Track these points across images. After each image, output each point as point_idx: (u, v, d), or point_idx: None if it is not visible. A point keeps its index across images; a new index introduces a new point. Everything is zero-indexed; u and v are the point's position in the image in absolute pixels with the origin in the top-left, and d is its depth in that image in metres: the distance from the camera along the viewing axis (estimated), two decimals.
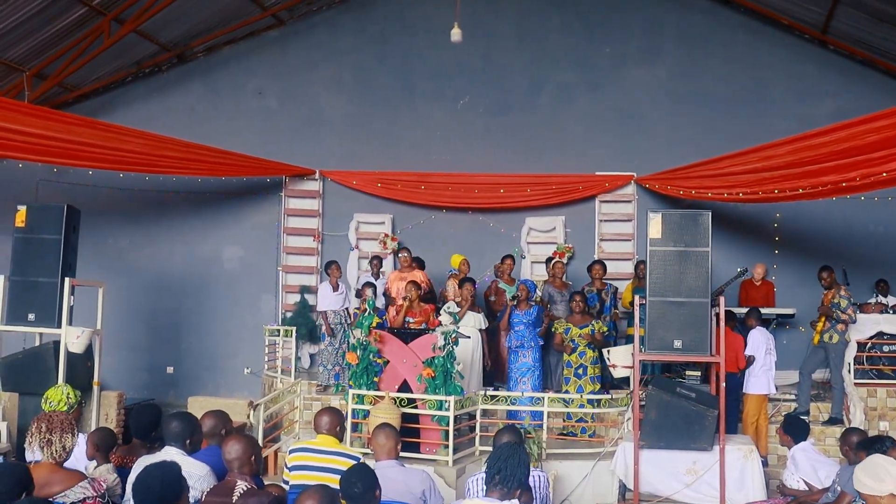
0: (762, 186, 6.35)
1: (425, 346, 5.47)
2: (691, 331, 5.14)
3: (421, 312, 6.44)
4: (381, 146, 8.85)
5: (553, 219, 8.62)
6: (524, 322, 6.45)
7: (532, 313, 6.48)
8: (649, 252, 5.27)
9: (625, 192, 8.54)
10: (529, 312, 6.48)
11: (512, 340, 6.45)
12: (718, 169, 7.06)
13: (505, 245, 8.54)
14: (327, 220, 8.89)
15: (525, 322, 6.46)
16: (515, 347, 6.44)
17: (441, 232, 8.70)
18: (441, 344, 5.32)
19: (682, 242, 5.21)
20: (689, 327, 5.14)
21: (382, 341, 5.60)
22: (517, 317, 6.51)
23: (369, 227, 8.80)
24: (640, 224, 8.24)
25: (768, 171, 6.25)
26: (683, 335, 5.15)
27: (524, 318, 6.49)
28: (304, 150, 8.83)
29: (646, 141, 8.49)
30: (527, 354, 6.37)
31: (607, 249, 8.49)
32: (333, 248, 8.71)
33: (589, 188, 8.52)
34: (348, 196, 8.80)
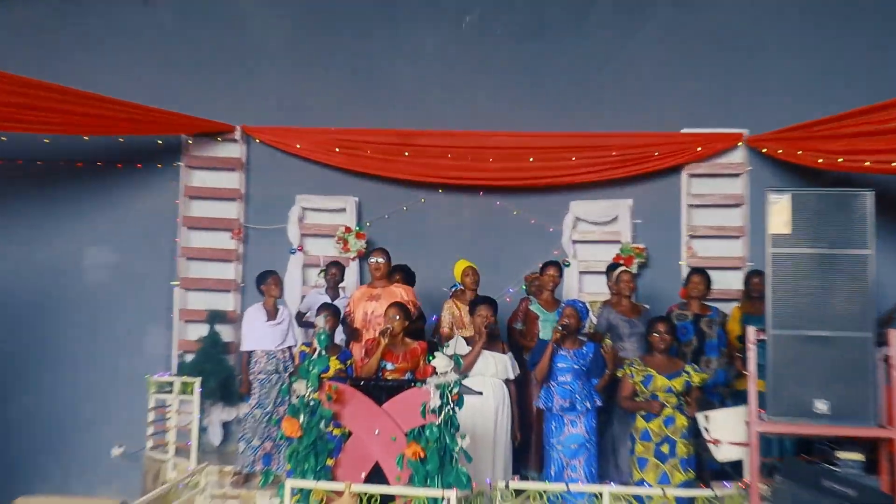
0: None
1: (411, 407, 5.46)
2: (844, 384, 5.24)
3: (405, 354, 6.52)
4: (342, 91, 9.00)
5: (614, 203, 8.70)
6: (573, 368, 6.46)
7: (585, 354, 6.51)
8: (771, 257, 5.37)
9: (730, 160, 8.62)
10: (581, 353, 6.51)
11: (552, 399, 6.46)
12: (882, 122, 7.04)
13: (537, 245, 8.63)
14: (255, 205, 8.93)
15: (575, 368, 6.47)
16: (559, 410, 6.45)
17: (436, 225, 8.84)
18: (436, 405, 5.30)
19: (826, 241, 5.31)
20: (839, 379, 5.25)
21: (342, 400, 5.62)
22: (562, 360, 6.51)
23: (321, 216, 8.90)
24: (755, 211, 8.33)
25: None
26: (831, 392, 5.26)
27: (573, 361, 6.50)
28: (218, 94, 8.95)
29: (760, 84, 8.61)
30: (577, 422, 6.41)
31: (702, 253, 8.52)
32: (265, 251, 8.78)
33: (671, 154, 8.57)
34: (288, 168, 8.91)
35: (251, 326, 7.40)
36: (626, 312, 7.18)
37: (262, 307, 7.42)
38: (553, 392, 6.42)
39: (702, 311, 7.20)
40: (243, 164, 8.83)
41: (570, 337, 6.51)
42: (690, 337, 7.05)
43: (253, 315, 7.44)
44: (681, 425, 6.16)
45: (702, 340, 7.09)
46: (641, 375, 6.27)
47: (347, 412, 5.58)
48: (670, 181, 8.58)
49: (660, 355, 6.31)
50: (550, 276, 7.37)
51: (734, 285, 8.14)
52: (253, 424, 7.29)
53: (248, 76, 8.97)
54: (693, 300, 7.23)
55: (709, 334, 7.11)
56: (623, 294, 7.26)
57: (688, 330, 7.07)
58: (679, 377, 6.21)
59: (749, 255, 8.33)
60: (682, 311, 7.19)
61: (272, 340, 7.33)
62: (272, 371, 7.29)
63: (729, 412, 6.07)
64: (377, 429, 5.50)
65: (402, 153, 8.61)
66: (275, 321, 7.38)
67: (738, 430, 5.81)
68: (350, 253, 8.59)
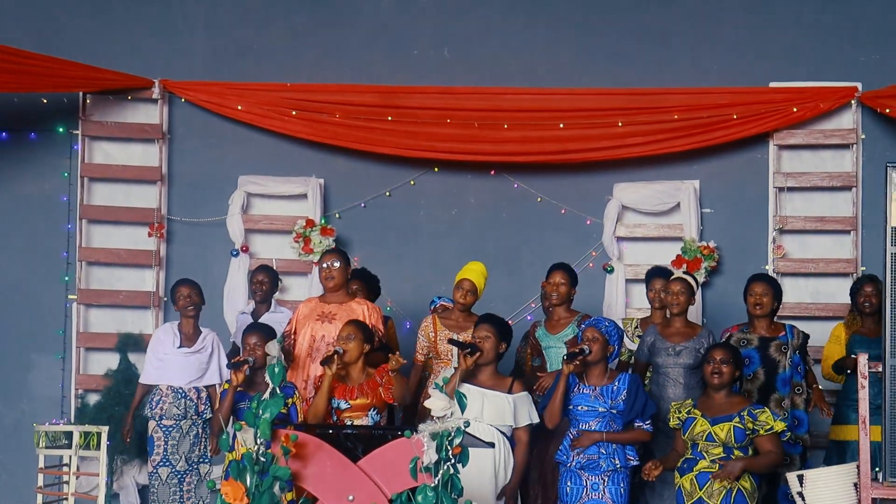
0: None
1: (396, 464, 5.31)
2: None
3: (364, 386, 6.56)
4: (300, 32, 9.04)
5: (674, 186, 8.72)
6: (599, 412, 6.47)
7: (617, 392, 6.51)
8: (890, 258, 5.35)
9: (837, 127, 8.59)
10: (611, 391, 6.51)
11: (570, 452, 6.49)
12: None
13: (570, 243, 8.69)
14: (180, 190, 8.94)
15: (601, 412, 6.47)
16: (579, 467, 6.44)
17: (430, 216, 8.90)
18: (432, 460, 5.15)
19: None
20: None
21: (303, 455, 5.43)
22: (583, 400, 6.50)
23: (273, 205, 8.93)
24: (870, 196, 8.29)
25: None
26: None
27: (599, 402, 6.47)
28: (128, 37, 8.95)
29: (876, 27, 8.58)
30: (600, 485, 6.38)
31: (797, 253, 8.56)
32: (195, 253, 8.84)
33: (755, 117, 8.54)
34: (227, 138, 8.95)
35: (155, 353, 7.42)
36: (670, 336, 7.11)
37: (175, 329, 7.47)
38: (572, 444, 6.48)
39: (771, 334, 7.11)
40: (164, 133, 8.79)
41: (597, 369, 6.47)
42: (756, 369, 6.98)
43: (161, 338, 7.47)
44: (719, 487, 6.08)
45: (772, 373, 7.01)
46: (678, 419, 6.29)
47: (311, 471, 5.39)
48: (753, 155, 8.60)
49: (717, 394, 6.29)
50: (553, 285, 7.33)
51: (840, 297, 8.08)
52: (159, 489, 7.28)
53: (170, 12, 8.95)
54: (758, 319, 7.14)
55: (781, 364, 7.05)
56: (675, 308, 7.19)
57: (752, 360, 7.00)
58: (727, 422, 6.15)
59: (862, 256, 8.34)
60: (743, 335, 7.11)
61: (184, 374, 7.36)
62: (180, 416, 7.30)
63: (832, 472, 6.04)
64: (351, 493, 5.40)
65: (385, 118, 8.59)
66: (191, 349, 7.40)
67: (844, 496, 5.76)
68: (313, 255, 8.52)
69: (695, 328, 7.21)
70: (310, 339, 7.03)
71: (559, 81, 8.68)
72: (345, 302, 7.10)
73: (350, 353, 6.41)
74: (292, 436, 5.38)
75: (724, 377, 6.24)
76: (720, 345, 6.53)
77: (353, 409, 6.43)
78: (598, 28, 8.83)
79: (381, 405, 6.49)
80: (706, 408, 6.26)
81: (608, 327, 6.55)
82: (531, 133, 8.58)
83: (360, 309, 7.03)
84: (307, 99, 8.71)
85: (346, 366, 6.45)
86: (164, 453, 7.28)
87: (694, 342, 6.97)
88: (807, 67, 8.63)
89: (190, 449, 7.34)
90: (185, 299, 7.45)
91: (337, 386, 6.43)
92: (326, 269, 7.10)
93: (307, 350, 7.01)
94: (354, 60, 8.87)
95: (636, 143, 8.54)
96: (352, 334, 6.46)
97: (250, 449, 5.36)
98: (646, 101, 8.59)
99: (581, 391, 6.46)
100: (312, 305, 7.22)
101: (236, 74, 8.85)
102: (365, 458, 5.40)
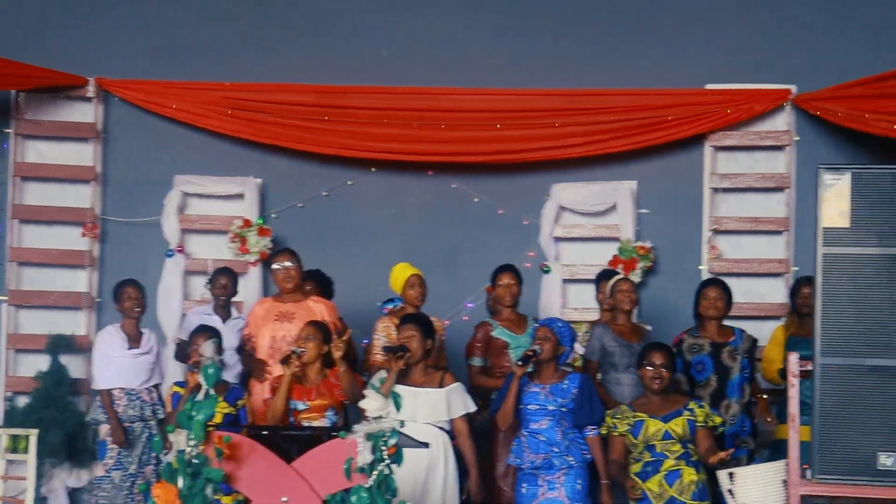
0: None
1: (331, 465, 5.35)
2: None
3: (321, 387, 6.57)
4: (238, 31, 8.99)
5: (611, 187, 8.74)
6: (549, 411, 6.50)
7: (567, 391, 6.54)
8: (821, 258, 5.27)
9: (771, 128, 8.65)
10: (561, 389, 6.54)
11: (523, 453, 6.49)
12: None
13: (507, 243, 8.67)
14: (115, 190, 8.89)
15: (551, 411, 6.50)
16: (531, 469, 6.44)
17: (368, 216, 8.90)
18: (366, 461, 5.19)
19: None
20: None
21: (237, 456, 5.44)
22: (533, 399, 6.53)
23: (210, 205, 8.88)
24: (804, 198, 8.21)
25: None
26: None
27: (549, 401, 6.49)
28: (62, 33, 8.89)
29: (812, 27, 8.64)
30: (556, 483, 6.41)
31: (730, 254, 8.59)
32: (130, 253, 8.79)
33: (691, 118, 8.58)
34: (163, 138, 8.91)
35: (106, 357, 7.36)
36: (625, 334, 7.16)
37: (118, 330, 7.40)
38: (524, 444, 6.43)
39: (721, 338, 7.15)
40: (99, 132, 8.73)
41: (548, 367, 6.50)
42: (709, 375, 7.02)
43: (108, 341, 7.40)
44: (689, 482, 6.14)
45: (724, 379, 7.05)
46: (627, 424, 6.26)
47: (244, 473, 5.42)
48: (689, 156, 8.61)
49: (656, 394, 6.34)
50: (506, 287, 7.34)
51: (773, 297, 8.23)
52: (111, 492, 7.23)
53: (106, 10, 8.88)
54: (709, 322, 7.18)
55: (733, 371, 7.10)
56: (621, 309, 7.24)
57: (705, 366, 7.04)
58: (679, 417, 6.21)
59: (794, 256, 8.37)
60: (695, 340, 7.15)
61: (135, 376, 7.33)
62: (136, 418, 7.27)
63: (761, 469, 6.01)
64: (284, 495, 5.39)
65: (323, 118, 8.59)
66: (138, 349, 7.37)
67: (773, 493, 5.75)
68: (250, 255, 8.51)
69: (641, 327, 7.33)
70: (270, 340, 7.05)
71: (497, 82, 8.69)
72: (301, 301, 7.11)
73: (309, 354, 6.42)
74: (225, 437, 5.37)
75: (665, 381, 6.32)
76: (657, 347, 6.55)
77: (311, 409, 6.43)
78: (537, 29, 8.83)
79: (338, 406, 6.48)
80: (649, 409, 6.30)
81: (561, 328, 6.59)
82: (469, 133, 8.60)
83: (318, 307, 7.06)
84: (244, 98, 8.69)
85: (304, 366, 6.44)
86: (117, 456, 7.25)
87: (645, 341, 7.05)
88: (742, 70, 8.66)
89: (142, 451, 7.30)
90: (132, 300, 7.42)
91: (294, 387, 6.42)
92: (284, 270, 7.11)
93: (268, 351, 6.99)
94: (292, 60, 8.85)
95: (574, 143, 8.56)
96: (311, 335, 6.47)
97: (183, 451, 5.28)
98: (583, 102, 8.60)
99: (531, 389, 6.47)
100: (268, 306, 7.23)
101: (173, 73, 8.78)
102: (299, 459, 5.41)
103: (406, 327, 6.63)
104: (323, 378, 6.52)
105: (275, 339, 6.98)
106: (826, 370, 5.19)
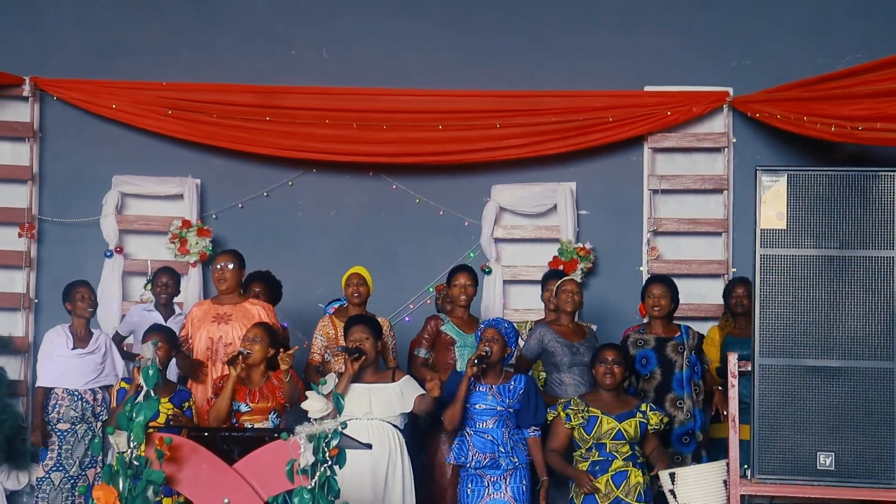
0: None
1: (273, 466, 5.27)
2: (857, 432, 5.25)
3: (264, 389, 6.54)
4: (176, 30, 8.99)
5: (551, 188, 8.78)
6: (496, 411, 6.52)
7: (514, 391, 6.57)
8: (759, 259, 5.38)
9: (709, 130, 8.72)
10: (507, 390, 6.57)
11: (466, 452, 6.51)
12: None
13: (448, 244, 8.78)
14: (52, 190, 8.88)
15: (499, 411, 6.53)
16: (475, 468, 6.46)
17: (308, 217, 8.91)
18: (308, 463, 5.19)
19: (835, 239, 5.32)
20: (851, 424, 5.26)
21: (178, 458, 5.34)
22: (480, 399, 6.54)
23: (149, 205, 8.88)
24: (741, 199, 8.34)
25: None
26: (839, 441, 5.26)
27: (496, 401, 6.52)
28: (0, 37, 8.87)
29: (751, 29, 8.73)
30: (501, 483, 6.44)
31: (670, 255, 8.65)
32: (68, 254, 8.77)
33: (630, 120, 8.63)
34: (100, 137, 8.88)
35: (49, 356, 7.30)
36: (567, 335, 7.17)
37: (66, 330, 7.33)
38: (469, 443, 6.41)
39: (667, 334, 7.18)
40: (35, 131, 8.68)
41: (494, 368, 6.50)
42: (653, 369, 7.01)
43: (54, 340, 7.33)
44: (636, 483, 6.17)
45: (668, 373, 7.04)
46: (582, 418, 6.25)
47: (186, 475, 5.31)
48: (628, 158, 8.67)
49: (608, 392, 6.35)
50: (461, 287, 7.35)
51: (712, 298, 8.23)
52: (51, 494, 7.15)
53: (42, 8, 8.85)
54: (655, 320, 7.21)
55: (678, 364, 7.09)
56: (563, 310, 7.25)
57: (649, 360, 7.04)
58: (632, 418, 6.23)
59: (732, 257, 8.47)
60: (641, 336, 7.16)
61: (80, 376, 7.25)
62: (77, 419, 7.19)
63: (702, 469, 6.04)
64: (226, 497, 5.36)
65: (263, 118, 8.54)
66: (85, 349, 7.30)
67: (714, 493, 5.76)
68: (189, 256, 8.49)
69: (583, 327, 7.32)
70: (207, 342, 7.00)
71: (437, 83, 8.69)
72: (239, 303, 7.08)
73: (255, 356, 6.39)
74: (166, 439, 5.31)
75: (617, 378, 6.32)
76: (610, 345, 6.58)
77: (254, 412, 6.41)
78: (476, 30, 8.84)
79: (280, 408, 6.47)
80: (601, 406, 6.31)
81: (507, 329, 6.60)
82: (410, 134, 8.60)
83: (255, 309, 7.03)
84: (183, 98, 8.64)
85: (249, 368, 6.42)
86: (57, 458, 7.19)
87: (587, 341, 7.09)
88: (680, 72, 8.71)
89: (84, 453, 7.24)
90: (85, 300, 7.37)
91: (238, 388, 6.39)
92: (220, 271, 7.09)
93: (205, 352, 6.96)
94: (231, 59, 8.82)
95: (513, 144, 8.58)
96: (258, 336, 6.44)
97: (123, 452, 5.26)
98: (523, 104, 8.63)
99: (478, 390, 6.47)
100: (206, 308, 7.20)
101: (110, 72, 8.73)
102: (241, 461, 5.35)
103: (358, 329, 6.62)
104: (266, 380, 6.50)
105: (211, 340, 6.95)
106: (764, 371, 5.26)
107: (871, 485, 5.23)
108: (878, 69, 7.71)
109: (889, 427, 5.18)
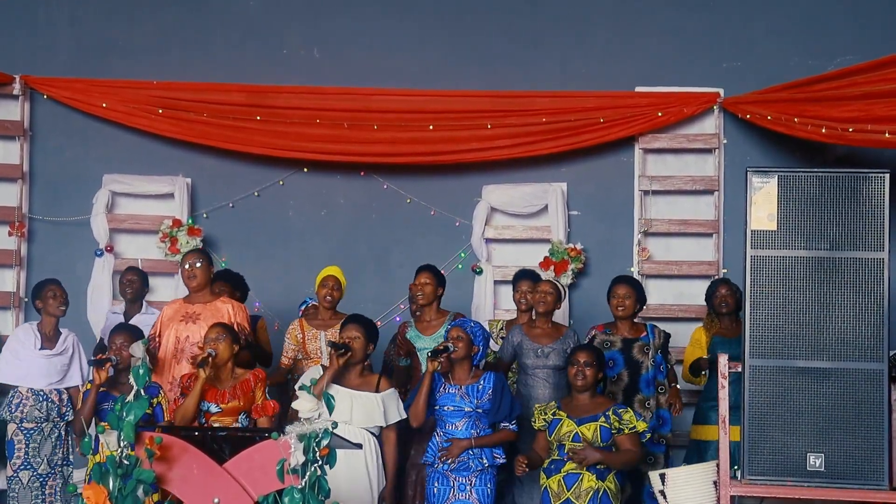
0: None
1: (263, 466, 5.26)
2: (847, 433, 5.26)
3: (235, 389, 6.52)
4: (167, 29, 8.99)
5: (542, 189, 8.79)
6: (465, 412, 6.50)
7: (482, 391, 6.53)
8: (749, 260, 5.39)
9: (699, 131, 8.72)
10: (476, 390, 6.53)
11: (436, 452, 6.52)
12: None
13: (439, 245, 8.76)
14: (42, 188, 8.90)
15: (467, 412, 6.50)
16: (443, 470, 6.46)
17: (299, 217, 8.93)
18: (299, 462, 5.17)
19: (826, 241, 5.33)
20: (841, 425, 5.27)
21: (168, 457, 5.34)
22: (448, 400, 6.52)
23: (139, 204, 8.91)
24: (732, 200, 8.37)
25: None
26: (829, 442, 5.27)
27: (465, 402, 6.48)
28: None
29: (743, 30, 8.73)
30: (467, 486, 6.45)
31: (660, 255, 8.65)
32: (57, 253, 8.80)
33: (621, 121, 8.63)
34: (91, 136, 8.91)
35: (15, 353, 7.31)
36: (538, 337, 7.16)
37: (35, 329, 7.34)
38: (440, 445, 6.44)
39: (633, 335, 7.20)
40: (25, 130, 8.70)
41: (462, 367, 6.49)
42: (620, 370, 7.05)
43: (21, 338, 7.34)
44: (587, 488, 6.14)
45: (636, 374, 7.10)
46: (544, 420, 6.31)
47: (176, 474, 5.30)
48: (619, 159, 8.66)
49: (582, 395, 6.36)
50: (418, 286, 7.35)
51: (703, 299, 7.94)
52: (20, 493, 7.17)
53: (33, 7, 8.85)
54: (621, 321, 7.22)
55: (644, 365, 7.14)
56: (537, 311, 7.23)
57: (616, 362, 7.09)
58: (593, 422, 6.21)
59: (723, 258, 8.45)
60: (607, 337, 7.17)
61: (44, 376, 7.25)
62: (42, 419, 7.19)
63: (693, 470, 6.07)
64: (216, 496, 5.36)
65: (253, 118, 8.56)
66: (52, 350, 7.28)
67: (704, 494, 5.78)
68: (180, 255, 8.29)
69: (560, 329, 7.27)
70: (174, 341, 6.99)
71: (429, 83, 8.70)
72: (209, 302, 7.06)
73: (221, 355, 6.37)
74: (157, 438, 5.31)
75: (588, 379, 6.30)
76: (583, 347, 6.59)
77: (224, 412, 6.39)
78: (468, 30, 8.84)
79: (250, 408, 6.44)
80: (571, 409, 6.32)
81: (473, 328, 6.58)
82: (401, 134, 8.60)
83: (225, 308, 7.01)
84: (174, 97, 8.66)
85: (216, 368, 6.40)
86: (24, 457, 7.17)
87: (560, 343, 7.06)
88: (671, 73, 8.72)
89: (52, 452, 7.22)
90: (56, 298, 7.34)
91: (207, 389, 6.37)
92: (188, 269, 7.09)
93: (172, 351, 6.95)
94: (222, 59, 8.84)
95: (504, 145, 8.59)
96: (220, 335, 6.42)
97: (113, 452, 5.25)
98: (514, 104, 8.63)
99: (447, 391, 6.47)
100: (177, 307, 7.18)
101: (101, 71, 8.76)
102: (231, 461, 5.35)
103: (351, 327, 6.60)
104: (235, 380, 6.51)
105: (178, 339, 6.96)
106: (755, 371, 5.28)
107: (860, 486, 5.23)
108: (869, 71, 7.68)
109: (879, 428, 5.19)
